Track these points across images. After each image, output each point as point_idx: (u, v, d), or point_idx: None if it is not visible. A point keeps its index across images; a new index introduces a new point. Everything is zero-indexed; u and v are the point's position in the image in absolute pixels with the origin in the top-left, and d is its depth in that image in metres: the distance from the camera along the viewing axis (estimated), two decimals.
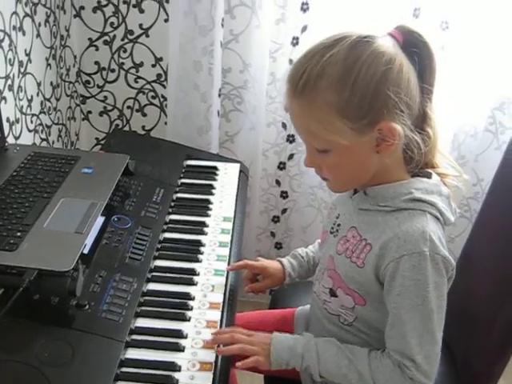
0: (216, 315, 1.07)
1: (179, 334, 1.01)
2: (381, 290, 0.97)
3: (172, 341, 1.00)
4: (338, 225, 1.06)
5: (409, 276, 0.91)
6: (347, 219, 1.03)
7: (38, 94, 1.56)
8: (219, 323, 1.06)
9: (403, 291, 0.92)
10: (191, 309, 1.07)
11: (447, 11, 1.67)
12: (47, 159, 1.29)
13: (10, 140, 1.42)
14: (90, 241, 1.14)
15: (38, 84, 1.56)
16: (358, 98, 0.88)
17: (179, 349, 0.98)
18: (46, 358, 0.91)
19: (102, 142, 1.94)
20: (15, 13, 1.39)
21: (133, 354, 0.97)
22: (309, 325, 1.20)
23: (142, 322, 1.03)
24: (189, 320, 1.05)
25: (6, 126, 1.39)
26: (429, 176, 0.98)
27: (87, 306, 1.01)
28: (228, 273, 1.19)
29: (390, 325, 0.95)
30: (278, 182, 2.01)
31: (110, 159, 1.35)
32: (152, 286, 1.12)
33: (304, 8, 1.73)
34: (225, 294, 1.13)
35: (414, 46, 0.92)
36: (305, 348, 0.99)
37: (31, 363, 0.90)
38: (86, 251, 1.11)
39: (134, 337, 1.00)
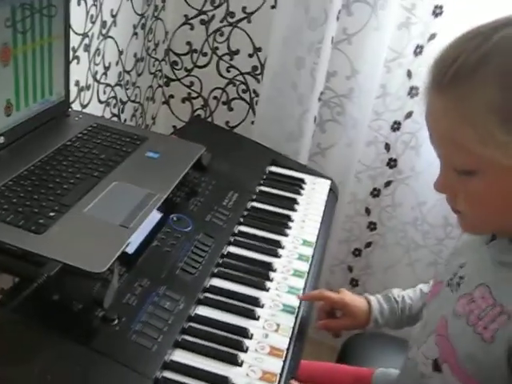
0: (277, 365, 0.82)
1: (225, 383, 0.77)
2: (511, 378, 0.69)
3: None
4: (461, 277, 0.79)
5: None
6: (476, 272, 0.76)
7: (117, 63, 1.37)
8: (278, 377, 0.80)
9: None
10: (246, 350, 0.82)
11: None
12: (110, 134, 1.09)
13: (76, 107, 1.24)
14: (137, 239, 0.92)
15: (120, 52, 1.37)
16: None
17: None
18: (48, 380, 0.68)
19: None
20: None
21: None
22: None
23: (180, 356, 0.79)
24: (240, 365, 0.80)
25: (73, 90, 1.20)
26: None
27: (116, 321, 0.78)
28: (299, 308, 0.94)
29: None
30: (367, 211, 1.74)
31: (182, 146, 1.13)
32: (202, 311, 0.88)
33: (436, 12, 1.46)
34: (291, 338, 0.88)
35: None
36: None
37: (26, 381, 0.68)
38: (130, 251, 0.89)
39: (167, 374, 0.76)
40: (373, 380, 1.00)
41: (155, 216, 0.99)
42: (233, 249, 1.04)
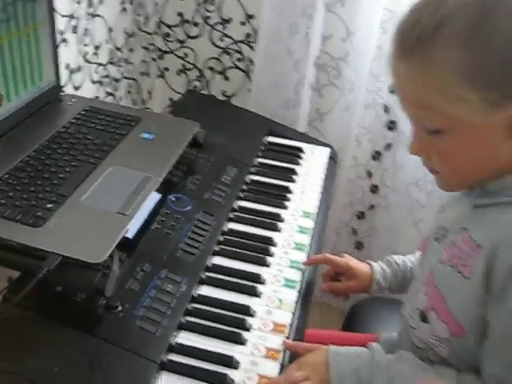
0: (281, 342, 0.83)
1: (229, 363, 0.78)
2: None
3: (218, 370, 0.77)
4: (445, 228, 0.81)
5: None
6: (457, 220, 0.78)
7: (107, 42, 1.36)
8: (282, 354, 0.82)
9: None
10: (249, 329, 0.84)
11: None
12: (103, 117, 1.09)
13: (69, 90, 1.23)
14: (136, 222, 0.92)
15: (110, 30, 1.36)
16: (492, 59, 0.65)
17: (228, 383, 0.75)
18: (55, 373, 0.70)
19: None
20: None
21: (167, 380, 0.75)
22: None
23: (184, 338, 0.81)
24: (244, 344, 0.81)
25: (64, 73, 1.19)
26: None
27: (119, 308, 0.79)
28: (302, 282, 0.95)
29: (493, 342, 0.71)
30: (369, 174, 1.74)
31: (177, 125, 1.13)
32: (204, 291, 0.89)
33: None
34: (294, 313, 0.89)
35: None
36: (373, 371, 0.77)
37: (34, 377, 0.69)
38: (130, 235, 0.90)
39: (172, 357, 0.78)
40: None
41: (153, 197, 0.99)
42: (233, 225, 1.05)
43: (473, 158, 0.72)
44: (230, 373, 0.77)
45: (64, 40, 1.16)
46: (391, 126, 1.64)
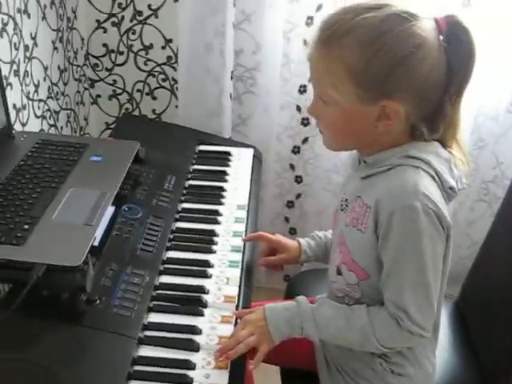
0: (232, 309, 1.03)
1: (193, 330, 0.97)
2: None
3: (186, 337, 0.96)
4: (346, 200, 1.03)
5: (402, 230, 0.90)
6: (353, 191, 1.01)
7: (44, 79, 1.52)
8: (234, 319, 1.02)
9: (397, 245, 0.91)
10: (205, 303, 1.03)
11: None
12: (55, 147, 1.25)
13: (17, 127, 1.38)
14: (99, 232, 1.10)
15: (45, 68, 1.51)
16: (373, 68, 0.88)
17: (193, 347, 0.95)
18: (55, 357, 0.88)
19: (112, 127, 1.89)
20: None
21: (146, 351, 0.94)
22: None
23: (155, 318, 1.00)
24: (203, 315, 1.01)
25: (12, 112, 1.34)
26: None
27: (98, 301, 0.97)
28: (243, 261, 1.15)
29: (386, 275, 0.94)
30: (292, 167, 1.96)
31: (120, 146, 1.30)
32: (165, 279, 1.08)
33: None
34: (240, 286, 1.09)
35: (456, 40, 0.90)
36: (302, 318, 0.98)
37: (40, 362, 0.86)
38: (96, 243, 1.08)
39: (147, 333, 0.96)
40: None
41: (110, 210, 1.16)
42: (180, 224, 1.23)
43: (346, 129, 0.96)
44: (196, 338, 0.96)
45: (9, 84, 1.32)
46: (305, 122, 1.87)
